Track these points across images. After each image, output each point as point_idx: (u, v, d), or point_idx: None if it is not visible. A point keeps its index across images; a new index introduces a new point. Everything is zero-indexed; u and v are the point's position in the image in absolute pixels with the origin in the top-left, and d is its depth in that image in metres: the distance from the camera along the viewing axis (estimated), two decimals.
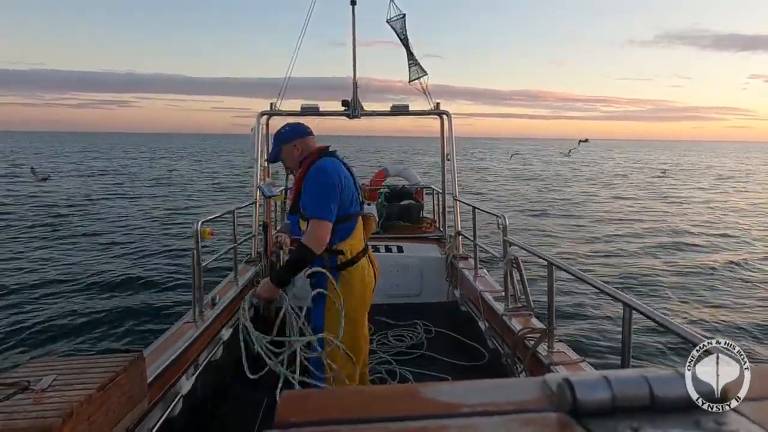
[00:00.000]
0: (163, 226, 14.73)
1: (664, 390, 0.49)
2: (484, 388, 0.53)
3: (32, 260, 10.43)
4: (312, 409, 0.50)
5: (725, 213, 19.16)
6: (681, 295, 8.75)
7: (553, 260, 2.84)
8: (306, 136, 2.85)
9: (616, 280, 9.42)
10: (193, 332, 3.20)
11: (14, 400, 1.87)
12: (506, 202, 20.78)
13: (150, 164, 44.06)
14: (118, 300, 8.04)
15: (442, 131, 5.77)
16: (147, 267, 10.06)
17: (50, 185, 23.94)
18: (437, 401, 0.51)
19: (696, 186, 30.12)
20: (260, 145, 5.31)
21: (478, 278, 4.43)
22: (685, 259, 11.54)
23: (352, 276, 2.74)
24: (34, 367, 2.17)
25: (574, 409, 0.48)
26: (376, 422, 0.48)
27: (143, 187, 25.64)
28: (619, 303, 2.18)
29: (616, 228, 15.38)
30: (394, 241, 5.67)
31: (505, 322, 3.43)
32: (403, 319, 4.56)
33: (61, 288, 8.62)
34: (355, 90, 5.32)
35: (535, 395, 0.51)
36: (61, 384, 1.99)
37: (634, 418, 0.48)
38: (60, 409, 1.80)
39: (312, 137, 2.88)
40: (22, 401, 1.87)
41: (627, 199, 23.27)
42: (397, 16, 5.43)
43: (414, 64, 5.55)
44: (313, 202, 2.63)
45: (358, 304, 2.78)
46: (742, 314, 7.78)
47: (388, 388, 0.61)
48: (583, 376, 0.50)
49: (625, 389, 0.49)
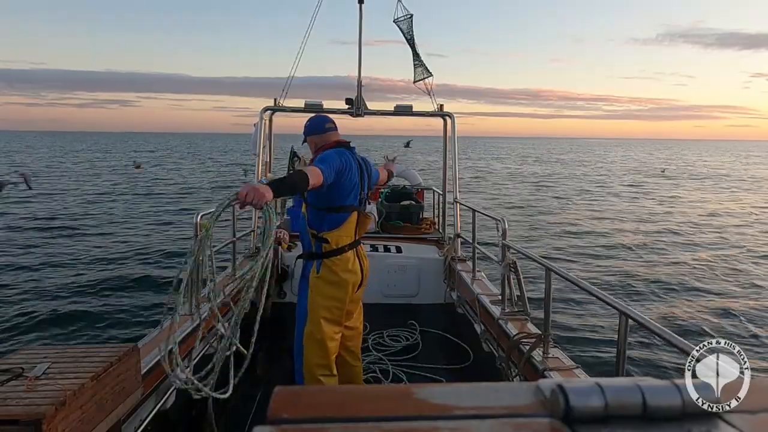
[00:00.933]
0: (163, 224, 14.75)
1: (657, 399, 0.49)
2: (478, 391, 0.53)
3: (30, 254, 10.44)
4: (305, 406, 0.50)
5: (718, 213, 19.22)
6: (676, 296, 8.78)
7: (551, 266, 2.84)
8: (325, 133, 3.01)
9: (616, 279, 9.47)
10: (189, 325, 3.20)
11: (8, 386, 1.87)
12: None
13: (154, 163, 44.11)
14: (115, 292, 8.05)
15: (444, 133, 5.77)
16: (144, 260, 10.07)
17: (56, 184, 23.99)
18: (430, 402, 0.51)
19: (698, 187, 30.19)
20: (263, 141, 5.31)
21: (476, 281, 4.43)
22: (687, 256, 11.61)
23: (335, 265, 2.88)
24: (29, 355, 2.17)
25: (566, 415, 0.48)
26: (368, 421, 0.48)
27: (143, 186, 25.68)
28: (615, 311, 2.18)
29: (612, 227, 15.49)
30: (393, 241, 5.66)
31: (501, 326, 3.43)
32: (400, 320, 4.55)
33: (57, 278, 8.63)
34: (359, 88, 5.32)
35: (528, 400, 0.51)
36: (54, 372, 1.99)
37: (627, 426, 0.48)
38: (53, 398, 1.80)
39: (332, 132, 3.02)
40: (15, 388, 1.87)
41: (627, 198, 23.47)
42: (405, 16, 5.43)
43: (419, 64, 5.55)
44: (317, 161, 2.78)
45: (340, 293, 2.91)
46: (740, 319, 7.80)
47: (382, 388, 0.61)
48: (577, 383, 0.50)
49: (618, 397, 0.49)
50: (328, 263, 2.88)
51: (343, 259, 2.89)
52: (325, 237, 2.86)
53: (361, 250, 3.05)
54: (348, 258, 2.91)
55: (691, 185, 31.27)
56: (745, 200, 24.28)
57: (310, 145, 3.08)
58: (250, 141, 5.47)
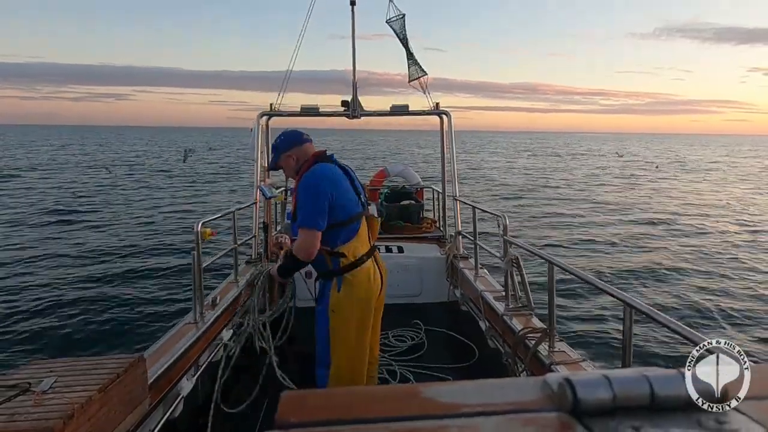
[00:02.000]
0: (164, 225, 14.74)
1: (665, 389, 0.49)
2: (485, 388, 0.53)
3: (31, 262, 10.44)
4: (312, 410, 0.50)
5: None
6: (679, 284, 8.81)
7: (554, 260, 2.84)
8: (302, 144, 2.81)
9: (620, 273, 9.49)
10: (194, 333, 3.20)
11: (15, 402, 1.87)
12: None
13: (149, 158, 44.12)
14: (119, 301, 8.04)
15: (441, 131, 5.77)
16: (147, 268, 10.06)
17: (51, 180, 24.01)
18: (438, 401, 0.51)
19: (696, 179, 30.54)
20: (260, 146, 5.31)
21: (479, 278, 4.43)
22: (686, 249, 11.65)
23: (356, 279, 2.69)
24: (35, 369, 2.17)
25: (575, 408, 0.48)
26: (377, 422, 0.48)
27: (143, 186, 25.68)
28: (620, 302, 2.18)
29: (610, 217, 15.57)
30: (394, 241, 5.67)
31: (506, 322, 3.43)
32: (404, 320, 4.55)
33: (62, 288, 8.62)
34: (354, 90, 5.32)
35: (535, 395, 0.51)
36: (61, 386, 1.99)
37: (635, 417, 0.48)
38: (61, 411, 1.80)
39: (309, 144, 2.83)
40: (23, 403, 1.87)
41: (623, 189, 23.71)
42: (397, 16, 5.44)
43: (413, 63, 5.56)
44: (301, 210, 2.62)
45: (364, 310, 2.74)
46: (745, 308, 7.82)
47: (389, 388, 0.61)
48: (584, 376, 0.50)
49: (625, 388, 0.49)
50: (349, 278, 2.68)
51: (362, 271, 2.70)
52: (342, 251, 2.66)
53: (377, 256, 2.88)
54: (368, 268, 2.73)
55: (688, 177, 31.83)
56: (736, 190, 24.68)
57: (288, 163, 2.83)
58: (248, 146, 5.48)
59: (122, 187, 23.73)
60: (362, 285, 2.71)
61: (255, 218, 5.10)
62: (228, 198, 20.06)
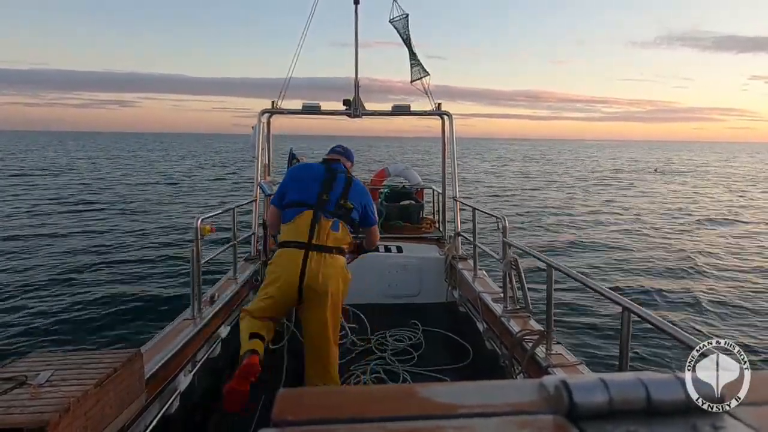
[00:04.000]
0: (163, 224, 14.73)
1: (661, 393, 0.49)
2: (482, 390, 0.53)
3: (30, 256, 10.44)
4: (309, 408, 0.50)
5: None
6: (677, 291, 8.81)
7: (552, 263, 2.84)
8: (328, 153, 3.54)
9: (619, 272, 9.50)
10: (191, 329, 3.20)
11: (11, 395, 1.87)
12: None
13: (151, 163, 43.98)
14: (117, 295, 8.03)
15: (443, 132, 5.77)
16: (146, 263, 10.06)
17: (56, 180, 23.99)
18: (434, 402, 0.51)
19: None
20: (261, 143, 5.31)
21: (477, 279, 4.43)
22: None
23: (275, 257, 3.11)
24: (32, 362, 2.17)
25: (571, 411, 0.48)
26: (373, 422, 0.48)
27: (143, 185, 25.66)
28: (618, 306, 2.18)
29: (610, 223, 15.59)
30: (393, 241, 5.66)
31: (504, 324, 3.42)
32: (402, 320, 4.55)
33: (60, 283, 8.62)
34: (356, 89, 5.32)
35: (532, 397, 0.51)
36: (58, 379, 1.99)
37: (631, 421, 0.48)
38: (57, 405, 1.80)
39: (331, 153, 3.51)
40: (19, 396, 1.87)
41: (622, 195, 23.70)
42: (400, 16, 5.42)
43: (416, 64, 5.55)
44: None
45: (273, 283, 3.03)
46: (745, 310, 7.82)
47: (386, 388, 0.61)
48: (581, 379, 0.50)
49: (622, 392, 0.49)
50: (277, 253, 3.14)
51: (282, 254, 3.07)
52: (280, 230, 3.20)
53: (313, 256, 2.99)
54: (287, 255, 3.03)
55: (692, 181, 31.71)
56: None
57: None
58: (249, 143, 5.47)
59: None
60: (276, 266, 3.06)
61: (255, 215, 5.10)
62: None
